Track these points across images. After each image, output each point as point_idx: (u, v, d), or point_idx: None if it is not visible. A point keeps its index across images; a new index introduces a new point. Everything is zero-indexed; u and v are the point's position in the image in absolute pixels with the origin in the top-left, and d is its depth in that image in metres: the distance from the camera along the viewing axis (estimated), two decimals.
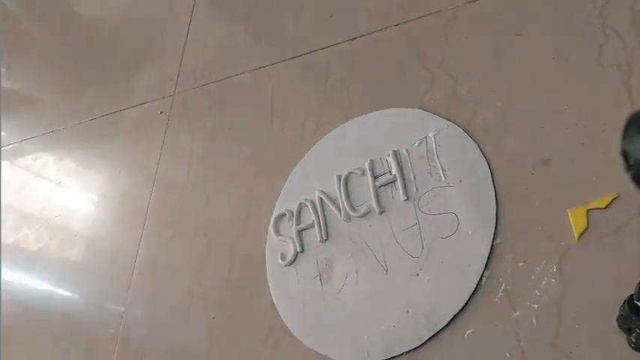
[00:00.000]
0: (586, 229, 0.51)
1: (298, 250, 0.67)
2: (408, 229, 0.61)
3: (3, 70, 1.26)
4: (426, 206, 0.61)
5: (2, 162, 1.12)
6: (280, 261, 0.68)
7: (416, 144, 0.64)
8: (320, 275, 0.65)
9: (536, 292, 0.51)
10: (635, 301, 0.42)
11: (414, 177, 0.63)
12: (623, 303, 0.44)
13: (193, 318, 0.72)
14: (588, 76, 0.57)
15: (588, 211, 0.52)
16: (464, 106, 0.63)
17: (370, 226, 0.64)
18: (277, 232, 0.70)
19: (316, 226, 0.67)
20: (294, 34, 0.83)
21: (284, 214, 0.70)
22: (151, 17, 1.04)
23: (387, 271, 0.61)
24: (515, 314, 0.51)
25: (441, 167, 0.62)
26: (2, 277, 0.97)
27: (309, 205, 0.68)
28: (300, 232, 0.68)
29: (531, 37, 0.63)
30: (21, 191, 1.06)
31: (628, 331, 0.46)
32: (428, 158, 0.63)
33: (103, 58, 1.08)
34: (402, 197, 0.62)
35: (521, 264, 0.53)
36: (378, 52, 0.74)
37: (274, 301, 0.66)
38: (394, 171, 0.64)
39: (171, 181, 0.86)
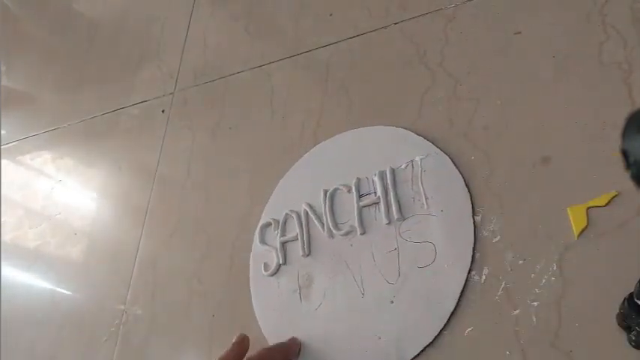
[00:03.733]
0: (586, 227, 0.51)
1: (281, 262, 0.66)
2: (387, 253, 0.60)
3: (3, 68, 1.26)
4: (407, 232, 0.60)
5: (2, 160, 1.12)
6: (263, 271, 0.67)
7: (402, 166, 0.63)
8: (300, 290, 0.64)
9: (536, 290, 0.51)
10: (635, 299, 0.42)
11: (398, 201, 0.61)
12: (623, 301, 0.44)
13: (194, 316, 0.72)
14: (588, 74, 0.58)
15: (588, 209, 0.52)
16: (464, 105, 0.63)
17: (351, 245, 0.62)
18: (263, 241, 0.69)
19: (299, 240, 0.66)
20: (294, 33, 0.83)
21: (270, 223, 0.70)
22: (151, 15, 1.04)
23: (363, 294, 0.59)
24: (515, 312, 0.52)
25: (424, 194, 0.60)
26: (2, 275, 0.97)
27: (294, 217, 0.68)
28: (283, 244, 0.67)
29: (530, 36, 0.63)
30: (22, 189, 1.06)
31: (628, 329, 0.46)
32: (412, 183, 0.61)
33: (103, 56, 1.08)
34: (385, 220, 0.61)
35: (520, 262, 0.53)
36: (378, 50, 0.74)
37: (254, 310, 0.66)
38: (379, 192, 0.62)
39: (171, 179, 0.86)
